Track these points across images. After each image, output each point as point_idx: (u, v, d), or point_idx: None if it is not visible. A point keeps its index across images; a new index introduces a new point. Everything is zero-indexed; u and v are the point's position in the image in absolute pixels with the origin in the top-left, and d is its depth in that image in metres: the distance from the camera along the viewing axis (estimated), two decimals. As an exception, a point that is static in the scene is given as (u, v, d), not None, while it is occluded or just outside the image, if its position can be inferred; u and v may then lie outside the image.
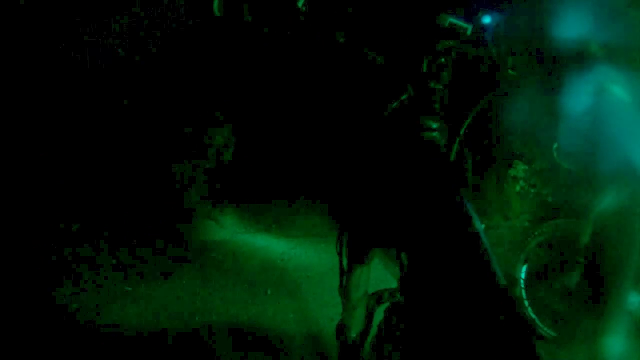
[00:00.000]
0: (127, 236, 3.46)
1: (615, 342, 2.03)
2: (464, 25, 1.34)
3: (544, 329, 2.41)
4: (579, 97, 1.81)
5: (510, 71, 1.40)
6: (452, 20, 1.34)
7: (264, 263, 3.33)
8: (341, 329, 1.81)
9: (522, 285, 2.39)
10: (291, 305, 3.11)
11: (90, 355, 2.52)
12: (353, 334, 1.78)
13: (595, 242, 2.03)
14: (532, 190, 3.41)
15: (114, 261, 3.28)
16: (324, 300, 3.03)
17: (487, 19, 1.36)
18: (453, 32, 1.34)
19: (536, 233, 2.37)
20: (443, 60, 1.36)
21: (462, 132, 1.40)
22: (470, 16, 1.35)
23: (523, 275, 2.39)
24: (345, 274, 1.73)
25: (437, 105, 1.39)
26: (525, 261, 2.38)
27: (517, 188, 3.49)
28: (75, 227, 3.44)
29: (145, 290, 3.04)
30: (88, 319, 2.81)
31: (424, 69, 1.36)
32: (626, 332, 2.07)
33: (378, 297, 1.71)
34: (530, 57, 1.46)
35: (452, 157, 1.41)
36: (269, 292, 3.20)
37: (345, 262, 1.71)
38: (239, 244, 3.58)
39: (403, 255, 1.54)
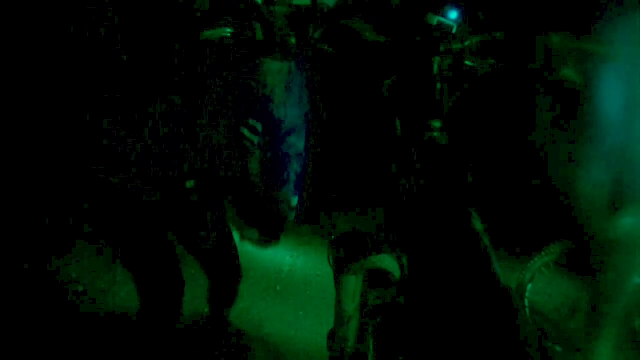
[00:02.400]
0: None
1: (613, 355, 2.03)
2: (450, 23, 1.33)
3: (550, 345, 2.40)
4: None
5: (467, 62, 1.39)
6: (440, 19, 1.33)
7: (273, 259, 3.32)
8: (334, 340, 1.80)
9: (527, 304, 2.37)
10: (300, 303, 3.12)
11: (97, 337, 2.57)
12: (350, 344, 1.78)
13: (602, 262, 2.00)
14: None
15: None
16: (333, 300, 3.02)
17: (453, 15, 1.34)
18: (442, 31, 1.33)
19: (543, 253, 2.34)
20: (450, 60, 1.36)
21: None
22: (439, 12, 1.35)
23: (528, 295, 2.36)
24: (338, 285, 1.72)
25: (440, 106, 1.38)
26: (531, 280, 2.36)
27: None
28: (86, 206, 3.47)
29: (154, 276, 3.07)
30: (95, 301, 2.86)
31: (435, 71, 1.35)
32: (632, 350, 2.07)
33: (363, 303, 1.72)
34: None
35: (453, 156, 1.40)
36: (278, 288, 3.21)
37: (337, 273, 1.71)
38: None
39: (403, 257, 1.55)
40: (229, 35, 1.49)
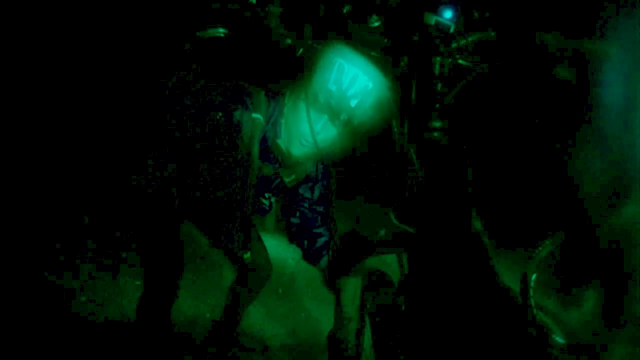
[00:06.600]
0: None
1: (626, 351, 1.99)
2: (448, 23, 1.31)
3: (555, 337, 2.36)
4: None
5: (463, 62, 1.37)
6: (438, 18, 1.30)
7: (275, 263, 3.29)
8: (334, 342, 1.78)
9: (532, 294, 2.33)
10: (303, 305, 3.12)
11: (98, 349, 2.53)
12: (350, 345, 1.76)
13: (609, 251, 1.96)
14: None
15: (124, 254, 3.30)
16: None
17: (448, 14, 1.32)
18: (440, 31, 1.31)
19: (547, 242, 2.29)
20: (450, 60, 1.34)
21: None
22: (435, 11, 1.32)
23: (533, 284, 2.32)
24: (338, 287, 1.72)
25: (440, 106, 1.35)
26: (535, 271, 2.32)
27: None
28: (87, 220, 3.50)
29: (156, 285, 3.06)
30: (96, 311, 2.84)
31: (437, 71, 1.33)
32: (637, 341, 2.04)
33: (363, 304, 1.71)
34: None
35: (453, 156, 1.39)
36: (280, 291, 3.19)
37: (337, 275, 1.70)
38: (248, 244, 3.53)
39: (403, 257, 1.53)
40: (222, 35, 1.48)
